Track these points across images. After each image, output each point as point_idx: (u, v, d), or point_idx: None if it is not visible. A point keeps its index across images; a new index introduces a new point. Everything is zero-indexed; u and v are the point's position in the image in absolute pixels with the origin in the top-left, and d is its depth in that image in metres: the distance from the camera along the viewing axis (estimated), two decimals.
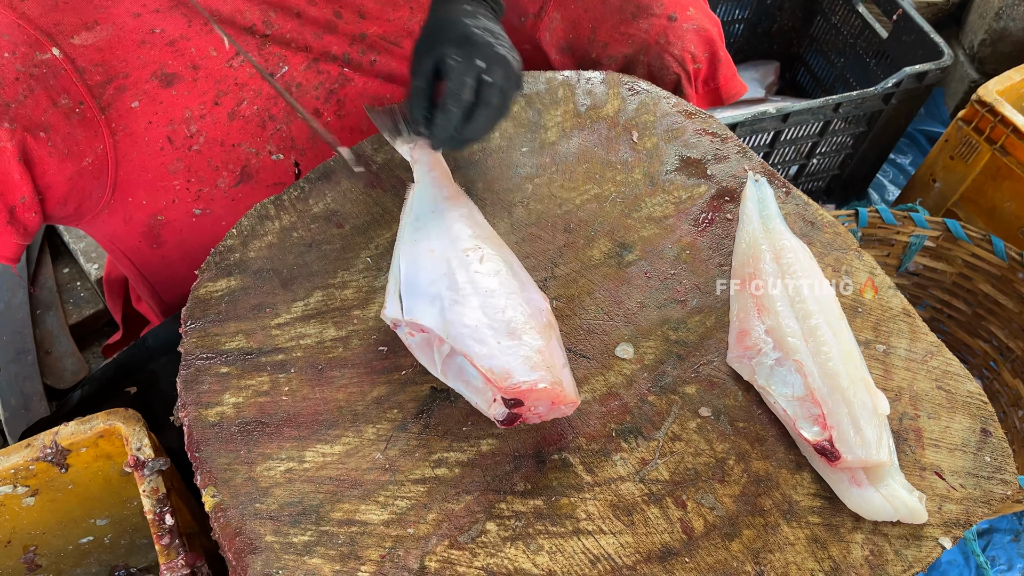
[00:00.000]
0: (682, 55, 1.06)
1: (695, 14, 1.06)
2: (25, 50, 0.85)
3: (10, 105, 0.84)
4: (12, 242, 0.88)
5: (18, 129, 0.84)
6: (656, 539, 0.71)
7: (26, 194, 0.86)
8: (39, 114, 0.85)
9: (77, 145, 0.88)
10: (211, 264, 0.86)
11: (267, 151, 1.00)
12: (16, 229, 0.88)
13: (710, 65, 1.10)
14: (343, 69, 1.02)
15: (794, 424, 0.76)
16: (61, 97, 0.87)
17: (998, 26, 1.78)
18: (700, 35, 1.06)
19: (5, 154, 0.83)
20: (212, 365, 0.79)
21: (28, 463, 0.87)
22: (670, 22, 1.05)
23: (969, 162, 1.46)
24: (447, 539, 0.70)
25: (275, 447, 0.74)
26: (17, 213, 0.87)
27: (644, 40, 1.05)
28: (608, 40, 1.07)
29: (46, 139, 0.86)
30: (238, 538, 0.69)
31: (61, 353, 1.40)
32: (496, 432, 0.76)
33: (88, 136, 0.89)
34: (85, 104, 0.88)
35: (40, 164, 0.86)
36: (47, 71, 0.86)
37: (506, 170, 0.95)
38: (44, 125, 0.86)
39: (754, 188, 0.94)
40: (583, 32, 1.08)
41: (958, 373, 0.83)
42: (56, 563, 1.06)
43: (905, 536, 0.73)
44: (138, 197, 0.96)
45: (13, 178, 0.84)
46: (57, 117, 0.86)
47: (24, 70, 0.85)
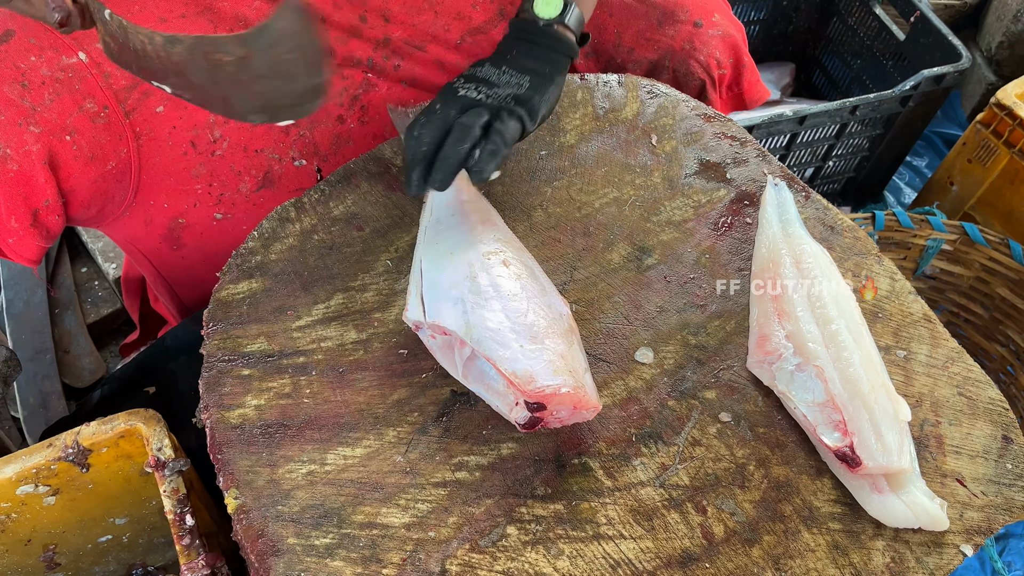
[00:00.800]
0: (707, 61, 1.06)
1: (720, 20, 1.06)
2: (52, 54, 0.86)
3: (36, 109, 0.84)
4: (35, 244, 0.89)
5: (44, 133, 0.84)
6: (676, 544, 0.71)
7: (50, 197, 0.86)
8: (64, 118, 0.86)
9: (101, 149, 0.89)
10: (232, 266, 0.86)
11: (290, 157, 1.00)
12: (39, 232, 0.88)
13: (734, 70, 1.10)
14: (367, 75, 1.02)
15: (814, 430, 0.76)
16: (87, 101, 0.87)
17: (1016, 28, 1.77)
18: (725, 41, 1.07)
19: (30, 157, 0.83)
20: (234, 367, 0.79)
21: (50, 463, 0.88)
22: (696, 28, 1.05)
23: (987, 165, 1.45)
24: (468, 543, 0.70)
25: (297, 449, 0.74)
26: (41, 216, 0.87)
27: (670, 46, 1.06)
28: (634, 45, 1.07)
29: (71, 143, 0.86)
30: (260, 540, 0.69)
31: (79, 352, 1.40)
32: (516, 436, 0.76)
33: (112, 140, 0.90)
34: (110, 108, 0.89)
35: (65, 168, 0.87)
36: (73, 75, 0.87)
37: (525, 174, 0.95)
38: (70, 129, 0.86)
39: (773, 192, 0.93)
40: (608, 37, 1.08)
41: (979, 379, 0.83)
42: (75, 561, 1.07)
43: (926, 543, 0.73)
44: (160, 200, 0.97)
45: (38, 181, 0.85)
46: (82, 121, 0.87)
47: (50, 74, 0.86)
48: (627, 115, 1.01)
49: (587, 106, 1.01)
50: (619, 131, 0.99)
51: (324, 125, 1.01)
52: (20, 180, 0.84)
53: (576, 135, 0.99)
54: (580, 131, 0.99)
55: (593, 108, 1.01)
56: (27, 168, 0.84)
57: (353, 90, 1.02)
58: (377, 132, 1.05)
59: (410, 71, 1.05)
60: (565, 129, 0.99)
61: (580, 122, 1.00)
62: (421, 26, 1.04)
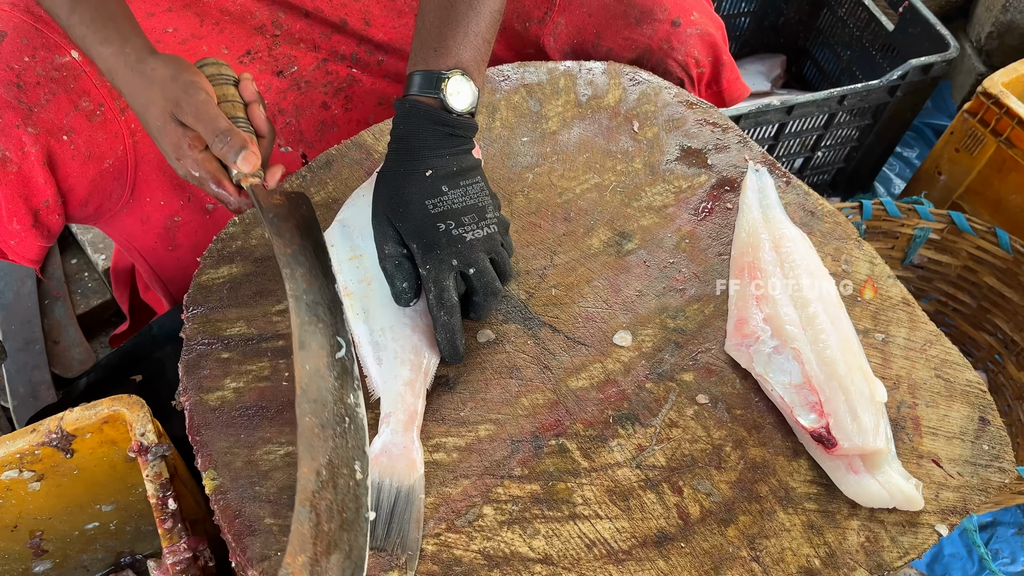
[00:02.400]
0: (685, 60, 1.06)
1: (699, 19, 1.05)
2: (44, 54, 0.86)
3: (33, 110, 0.84)
4: (36, 245, 0.90)
5: (42, 133, 0.85)
6: (652, 524, 0.71)
7: (50, 197, 0.87)
8: (61, 118, 0.86)
9: (98, 147, 0.89)
10: (213, 251, 0.87)
11: (276, 144, 1.01)
12: (40, 232, 0.89)
13: (713, 69, 1.10)
14: (351, 70, 1.02)
15: (791, 411, 0.76)
16: (82, 100, 0.88)
17: (1005, 19, 1.77)
18: (704, 40, 1.06)
19: (29, 159, 0.84)
20: (213, 350, 0.80)
21: (34, 448, 0.88)
22: (674, 27, 1.04)
23: (975, 154, 1.45)
24: (444, 523, 0.70)
25: (275, 431, 0.75)
26: (41, 216, 0.88)
27: (648, 45, 1.05)
28: (612, 45, 1.07)
29: (68, 142, 0.87)
30: (237, 520, 0.70)
31: (69, 343, 1.41)
32: (494, 418, 0.76)
33: (108, 138, 0.90)
34: (105, 106, 0.89)
35: (63, 167, 0.87)
36: (67, 74, 0.87)
37: (506, 159, 0.95)
38: (67, 128, 0.87)
39: (754, 177, 0.94)
40: (587, 37, 1.08)
41: (957, 362, 0.83)
42: (62, 548, 1.07)
43: (901, 523, 0.73)
44: (156, 197, 0.97)
45: (38, 182, 0.85)
46: (79, 120, 0.87)
47: (45, 74, 0.86)
48: (609, 102, 1.01)
49: (569, 93, 1.02)
50: (601, 117, 1.00)
51: (309, 112, 1.01)
52: (20, 182, 0.85)
53: (558, 121, 0.99)
54: (562, 117, 0.99)
55: (575, 95, 1.02)
56: (27, 169, 0.84)
57: (337, 84, 1.02)
58: (361, 118, 1.05)
59: (394, 66, 1.06)
60: (547, 116, 0.99)
61: (562, 109, 1.00)
62: (402, 29, 1.05)
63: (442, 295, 0.75)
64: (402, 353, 0.75)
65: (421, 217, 0.76)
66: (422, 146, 0.78)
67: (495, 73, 1.03)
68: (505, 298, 0.84)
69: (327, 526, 0.65)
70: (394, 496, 0.69)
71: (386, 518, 0.69)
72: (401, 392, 0.73)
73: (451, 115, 0.78)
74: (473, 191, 0.79)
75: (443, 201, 0.77)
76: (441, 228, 0.76)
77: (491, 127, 0.98)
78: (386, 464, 0.70)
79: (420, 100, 0.78)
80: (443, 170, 0.78)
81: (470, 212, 0.78)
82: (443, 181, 0.78)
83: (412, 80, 0.80)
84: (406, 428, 0.72)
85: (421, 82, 0.79)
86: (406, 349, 0.75)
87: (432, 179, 0.77)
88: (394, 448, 0.71)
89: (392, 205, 0.77)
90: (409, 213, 0.76)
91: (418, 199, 0.76)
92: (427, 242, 0.76)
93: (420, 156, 0.78)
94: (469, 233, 0.77)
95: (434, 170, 0.77)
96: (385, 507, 0.69)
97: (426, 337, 0.77)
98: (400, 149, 0.79)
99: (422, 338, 0.77)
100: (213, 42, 0.96)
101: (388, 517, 0.69)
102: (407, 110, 0.79)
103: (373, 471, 0.70)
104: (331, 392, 0.71)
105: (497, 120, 0.99)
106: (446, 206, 0.77)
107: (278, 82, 1.00)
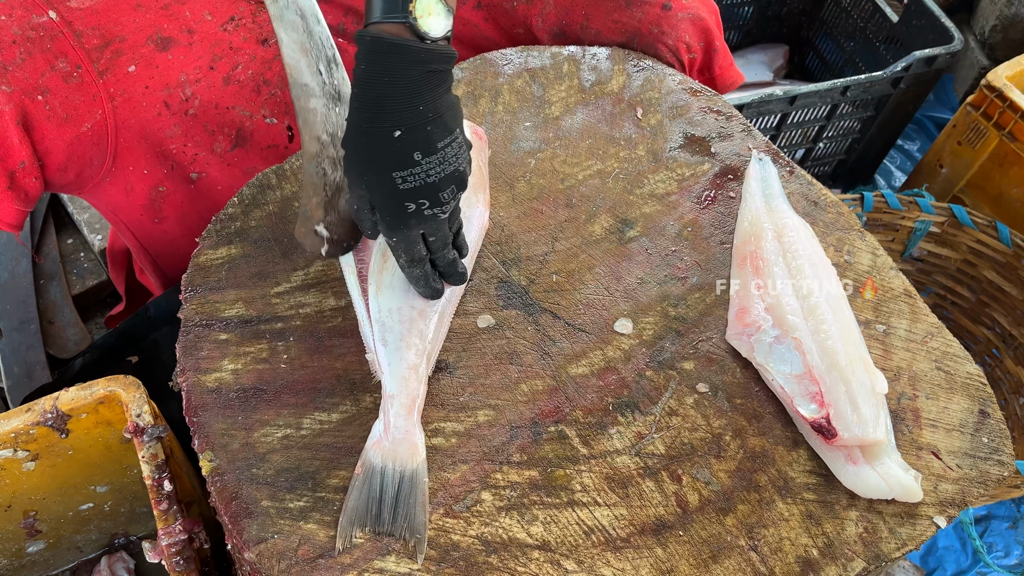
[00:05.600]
0: (676, 44, 1.04)
1: (691, 3, 1.04)
2: (22, 13, 0.85)
3: (7, 68, 0.83)
4: (13, 208, 0.88)
5: (16, 92, 0.83)
6: (651, 512, 0.71)
7: (25, 159, 0.86)
8: (36, 77, 0.85)
9: (76, 110, 0.88)
10: (212, 232, 0.86)
11: (261, 115, 1.00)
12: (16, 195, 0.88)
13: (705, 54, 1.08)
14: (338, 40, 1.01)
15: (792, 401, 0.76)
16: (59, 60, 0.87)
17: (1010, 12, 1.76)
18: (695, 24, 1.04)
19: (3, 117, 0.83)
20: (211, 332, 0.79)
21: (28, 427, 0.88)
22: (664, 11, 1.03)
23: (977, 148, 1.45)
24: (442, 508, 0.70)
25: (273, 414, 0.74)
26: (17, 178, 0.87)
27: (637, 28, 1.04)
28: (600, 28, 1.05)
29: (43, 103, 0.86)
30: (234, 502, 0.69)
31: (64, 323, 1.40)
32: (493, 403, 0.76)
33: (87, 100, 0.89)
34: (83, 68, 0.88)
35: (39, 128, 0.86)
36: (44, 34, 0.86)
37: (509, 144, 0.95)
38: (42, 88, 0.85)
39: (758, 166, 0.93)
40: (576, 19, 1.06)
41: (958, 354, 0.83)
42: (56, 529, 1.07)
43: (900, 514, 0.73)
44: (139, 166, 0.96)
45: (12, 142, 0.84)
46: (55, 80, 0.86)
47: (21, 33, 0.85)
48: (613, 88, 1.00)
49: (573, 79, 1.01)
50: (604, 104, 0.99)
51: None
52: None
53: (561, 107, 0.98)
54: (565, 103, 0.99)
55: (579, 80, 1.01)
56: (0, 128, 0.83)
57: None
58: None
59: None
60: (550, 101, 0.99)
61: (565, 94, 0.99)
62: None
63: (412, 259, 0.72)
64: (407, 336, 0.74)
65: (387, 191, 0.67)
66: (389, 94, 0.64)
67: (498, 56, 1.02)
68: (506, 283, 0.84)
69: (332, 175, 0.75)
70: (398, 480, 0.69)
71: (391, 503, 0.68)
72: (405, 376, 0.72)
73: (424, 44, 0.64)
74: (451, 152, 0.67)
75: (415, 174, 0.66)
76: (411, 208, 0.68)
77: (494, 111, 0.97)
78: (389, 448, 0.70)
79: (385, 29, 0.64)
80: (417, 129, 0.65)
81: (449, 184, 0.68)
82: (416, 146, 0.65)
83: (372, 4, 0.65)
84: (408, 412, 0.71)
85: (384, 5, 0.64)
86: (411, 333, 0.74)
87: (402, 142, 0.65)
88: (397, 432, 0.71)
89: (358, 170, 0.68)
90: (374, 185, 0.67)
91: (384, 169, 0.66)
92: (391, 219, 0.69)
93: (387, 108, 0.65)
94: (446, 212, 0.70)
95: (404, 129, 0.65)
96: (390, 492, 0.68)
97: (431, 323, 0.76)
98: (363, 98, 0.66)
99: (427, 324, 0.76)
100: (196, 7, 0.95)
101: (393, 502, 0.68)
102: (369, 44, 0.64)
103: (375, 455, 0.70)
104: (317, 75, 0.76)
105: (500, 104, 0.98)
106: (419, 180, 0.67)
107: (263, 51, 0.99)
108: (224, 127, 0.98)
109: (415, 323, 0.75)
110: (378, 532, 0.68)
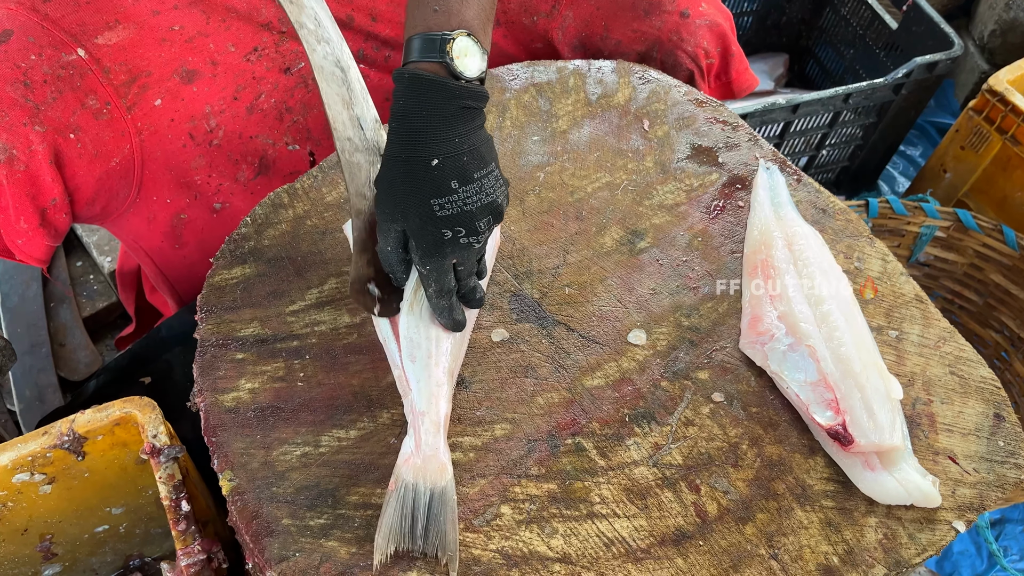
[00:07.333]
0: (695, 51, 1.06)
1: (707, 9, 1.06)
2: (51, 52, 0.86)
3: (40, 108, 0.84)
4: (43, 244, 0.89)
5: (49, 131, 0.84)
6: (670, 522, 0.71)
7: (57, 196, 0.86)
8: (68, 116, 0.86)
9: (105, 146, 0.89)
10: (226, 252, 0.86)
11: (284, 142, 1.01)
12: (47, 231, 0.88)
13: (722, 60, 1.10)
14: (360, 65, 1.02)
15: (807, 409, 0.76)
16: (89, 98, 0.87)
17: (1008, 16, 1.77)
18: (713, 31, 1.06)
19: (37, 157, 0.83)
20: (228, 351, 0.79)
21: (45, 450, 0.88)
22: (683, 18, 1.04)
23: (980, 152, 1.46)
24: (462, 522, 0.70)
25: (291, 432, 0.75)
26: (48, 215, 0.87)
27: (657, 37, 1.05)
28: (621, 38, 1.07)
29: (75, 140, 0.86)
30: (255, 521, 0.69)
31: (75, 345, 1.41)
32: (510, 417, 0.76)
33: (115, 136, 0.90)
34: (112, 104, 0.89)
35: (70, 165, 0.87)
36: (74, 72, 0.87)
37: (517, 158, 0.95)
38: (73, 126, 0.86)
39: (766, 175, 0.94)
40: (596, 30, 1.08)
41: (971, 359, 0.83)
42: (71, 552, 1.07)
43: (919, 520, 0.73)
44: (163, 196, 0.97)
45: (45, 181, 0.85)
46: (86, 118, 0.87)
47: (51, 72, 0.86)
48: (619, 100, 1.01)
49: (579, 92, 1.02)
50: (611, 116, 1.00)
51: (317, 110, 1.01)
52: (27, 180, 0.84)
53: (568, 120, 0.99)
54: (572, 116, 0.99)
55: (585, 94, 1.01)
56: (34, 168, 0.84)
57: None
58: None
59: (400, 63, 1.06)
60: (557, 115, 0.99)
61: (572, 108, 1.00)
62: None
63: (441, 290, 0.72)
64: (436, 355, 0.74)
65: (425, 218, 0.68)
66: (426, 126, 0.67)
67: (504, 72, 1.03)
68: (519, 297, 0.84)
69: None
70: (428, 498, 0.69)
71: (423, 521, 0.68)
72: (434, 393, 0.72)
73: (460, 83, 0.67)
74: (488, 184, 0.69)
75: (452, 202, 0.67)
76: (447, 236, 0.68)
77: (501, 126, 0.98)
78: (419, 466, 0.70)
79: (423, 68, 0.67)
80: (453, 159, 0.67)
81: (486, 214, 0.69)
82: (453, 174, 0.67)
83: (411, 45, 0.68)
84: (437, 429, 0.72)
85: (422, 46, 0.67)
86: (440, 352, 0.75)
87: (440, 171, 0.67)
88: (427, 448, 0.71)
89: (394, 200, 0.69)
90: (410, 213, 0.68)
91: (423, 196, 0.67)
92: (427, 246, 0.69)
93: (425, 139, 0.67)
94: (480, 241, 0.71)
95: (442, 158, 0.67)
96: (422, 510, 0.68)
97: (455, 342, 0.77)
98: (401, 130, 0.68)
99: (452, 342, 0.76)
100: (220, 39, 0.96)
101: (425, 520, 0.68)
102: (408, 81, 0.67)
103: (407, 473, 0.70)
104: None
105: (507, 119, 0.98)
106: (456, 208, 0.68)
107: (285, 79, 1.00)
108: (248, 156, 0.98)
109: (443, 341, 0.75)
110: (412, 550, 0.68)
